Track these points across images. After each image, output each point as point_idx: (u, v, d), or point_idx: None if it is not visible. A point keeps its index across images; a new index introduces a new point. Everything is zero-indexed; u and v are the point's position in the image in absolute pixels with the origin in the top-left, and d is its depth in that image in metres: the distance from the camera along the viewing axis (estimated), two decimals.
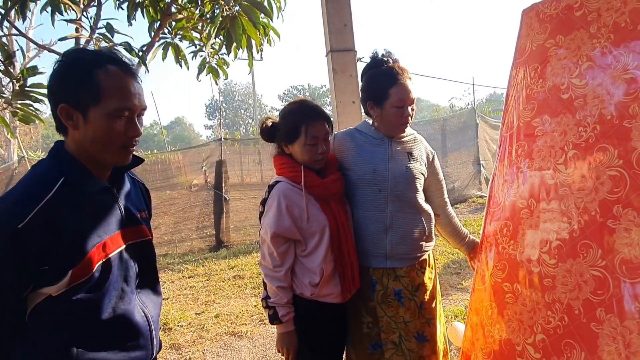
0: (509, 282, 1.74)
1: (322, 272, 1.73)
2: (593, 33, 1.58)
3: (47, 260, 1.05)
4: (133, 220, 1.28)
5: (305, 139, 1.72)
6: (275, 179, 1.81)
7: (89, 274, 1.11)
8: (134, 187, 1.38)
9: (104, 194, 1.21)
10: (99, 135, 1.12)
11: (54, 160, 1.16)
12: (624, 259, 1.35)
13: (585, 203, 1.51)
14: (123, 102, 1.13)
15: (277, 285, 1.72)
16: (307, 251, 1.75)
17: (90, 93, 1.09)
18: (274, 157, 1.87)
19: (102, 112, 1.10)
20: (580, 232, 1.48)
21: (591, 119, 1.55)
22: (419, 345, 1.88)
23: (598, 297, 1.41)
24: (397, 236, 1.85)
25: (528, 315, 1.66)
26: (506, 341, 1.75)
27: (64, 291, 1.08)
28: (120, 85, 1.13)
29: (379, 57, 1.89)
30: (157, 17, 3.60)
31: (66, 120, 1.11)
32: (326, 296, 1.78)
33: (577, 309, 1.47)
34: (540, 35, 1.81)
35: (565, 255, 1.53)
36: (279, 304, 1.73)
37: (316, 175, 1.77)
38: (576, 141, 1.60)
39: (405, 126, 1.87)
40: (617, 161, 1.43)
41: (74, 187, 1.12)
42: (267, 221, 1.72)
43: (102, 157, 1.17)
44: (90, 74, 1.10)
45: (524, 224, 1.73)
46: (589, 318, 1.43)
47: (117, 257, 1.19)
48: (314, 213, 1.75)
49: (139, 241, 1.30)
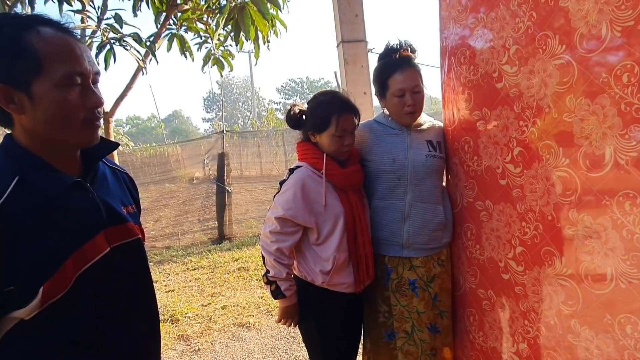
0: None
1: (334, 261, 1.74)
2: (514, 10, 1.46)
3: (10, 279, 0.86)
4: (116, 218, 1.06)
5: (335, 130, 1.74)
6: (296, 164, 1.83)
7: (64, 290, 0.92)
8: (115, 178, 1.16)
9: (75, 190, 0.98)
10: (52, 112, 0.90)
11: (6, 155, 0.94)
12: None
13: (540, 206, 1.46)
14: (71, 65, 0.91)
15: (274, 258, 1.73)
16: (320, 239, 1.76)
17: (27, 63, 0.87)
18: (297, 143, 1.90)
19: (48, 83, 0.89)
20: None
21: (530, 112, 1.45)
22: (432, 337, 1.88)
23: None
24: (415, 226, 1.85)
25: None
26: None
27: (37, 313, 0.90)
28: (61, 47, 0.91)
29: (390, 47, 1.89)
30: (162, 8, 3.59)
31: (7, 105, 0.89)
32: (337, 285, 1.79)
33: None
34: (461, 14, 1.73)
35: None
36: (279, 278, 1.75)
37: (338, 165, 1.80)
38: (519, 137, 1.51)
39: (412, 115, 1.84)
40: (564, 160, 1.35)
41: (33, 186, 0.91)
42: (281, 202, 1.74)
43: (63, 141, 0.95)
44: (21, 40, 0.87)
45: (485, 227, 1.73)
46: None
47: (101, 265, 0.99)
48: (331, 201, 1.76)
49: (127, 242, 1.08)
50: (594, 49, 1.21)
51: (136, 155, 17.89)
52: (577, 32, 1.25)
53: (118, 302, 1.04)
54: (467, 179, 1.81)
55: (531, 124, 1.45)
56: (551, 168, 1.40)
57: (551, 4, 1.32)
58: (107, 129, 3.70)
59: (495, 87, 1.59)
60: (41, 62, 0.88)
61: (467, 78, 1.74)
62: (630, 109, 1.14)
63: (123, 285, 1.06)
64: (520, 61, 1.46)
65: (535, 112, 1.43)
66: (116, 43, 2.99)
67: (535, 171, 1.46)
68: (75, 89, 0.92)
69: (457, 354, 2.00)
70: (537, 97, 1.42)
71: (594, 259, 1.30)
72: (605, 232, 1.25)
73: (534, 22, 1.39)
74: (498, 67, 1.56)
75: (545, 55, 1.36)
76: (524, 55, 1.44)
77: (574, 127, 1.30)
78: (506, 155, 1.58)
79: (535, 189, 1.48)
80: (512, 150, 1.55)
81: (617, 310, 1.26)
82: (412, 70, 1.81)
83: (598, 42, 1.19)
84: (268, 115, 24.31)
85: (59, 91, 0.90)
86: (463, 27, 1.74)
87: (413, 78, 1.81)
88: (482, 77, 1.65)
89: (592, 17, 1.20)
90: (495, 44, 1.56)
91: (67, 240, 0.94)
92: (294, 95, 56.60)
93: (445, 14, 1.86)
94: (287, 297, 1.77)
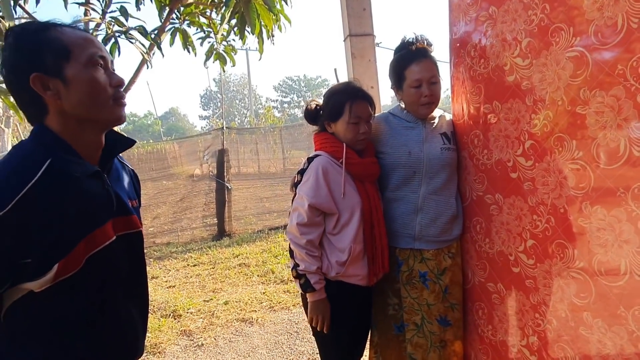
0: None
1: (351, 252, 1.74)
2: (527, 3, 1.45)
3: (30, 251, 0.94)
4: (124, 209, 1.14)
5: (349, 117, 1.76)
6: (314, 153, 1.84)
7: (77, 268, 1.00)
8: (125, 172, 1.25)
9: (94, 179, 1.07)
10: (86, 90, 1.01)
11: (38, 141, 1.02)
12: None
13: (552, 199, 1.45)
14: (93, 49, 1.04)
15: (305, 252, 1.74)
16: (337, 228, 1.77)
17: (57, 52, 0.99)
18: (315, 134, 1.92)
19: (77, 65, 1.00)
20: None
21: (542, 105, 1.45)
22: (441, 329, 1.89)
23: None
24: (427, 218, 1.85)
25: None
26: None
27: (48, 287, 0.97)
28: (82, 37, 1.04)
29: (406, 40, 1.89)
30: (166, 1, 3.56)
31: (44, 92, 0.99)
32: (352, 277, 1.79)
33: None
34: (472, 7, 1.72)
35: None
36: (309, 272, 1.74)
37: (357, 155, 1.81)
38: (531, 130, 1.51)
39: (429, 105, 1.84)
40: (577, 153, 1.35)
41: (61, 171, 0.99)
42: (305, 190, 1.74)
43: (95, 121, 1.06)
44: (47, 36, 0.99)
45: (495, 220, 1.73)
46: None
47: (107, 251, 1.07)
48: (349, 190, 1.77)
49: (130, 233, 1.16)
50: (609, 41, 1.21)
51: (133, 152, 17.81)
52: (592, 23, 1.24)
53: (118, 286, 1.13)
54: (477, 173, 1.81)
55: (543, 116, 1.45)
56: (564, 161, 1.40)
57: None
58: None
59: (507, 80, 1.59)
60: (69, 49, 1.00)
61: (477, 71, 1.74)
62: None
63: (123, 271, 1.15)
64: (533, 54, 1.46)
65: (548, 105, 1.43)
66: (121, 36, 2.96)
67: (548, 164, 1.47)
68: (100, 69, 1.04)
69: (465, 347, 2.01)
70: (549, 89, 1.42)
71: (607, 252, 1.30)
72: (620, 225, 1.26)
73: (547, 15, 1.39)
74: (509, 60, 1.56)
75: (558, 48, 1.36)
76: (537, 48, 1.44)
77: (587, 119, 1.30)
78: (517, 148, 1.58)
79: (547, 182, 1.48)
80: (523, 143, 1.55)
81: (631, 302, 1.26)
82: (428, 61, 1.82)
83: (614, 33, 1.19)
84: (265, 113, 24.25)
85: (88, 71, 1.02)
86: (473, 20, 1.74)
87: (430, 69, 1.81)
88: (492, 70, 1.65)
89: (608, 9, 1.20)
90: (507, 36, 1.56)
91: (82, 224, 1.02)
92: (291, 94, 56.50)
93: (455, 7, 1.86)
94: (317, 291, 1.76)
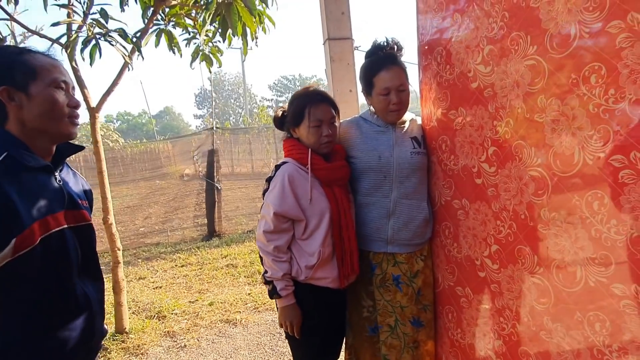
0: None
1: (320, 255, 1.76)
2: (487, 10, 1.47)
3: None
4: (74, 204, 1.30)
5: (309, 121, 1.77)
6: (282, 160, 1.86)
7: (32, 244, 1.12)
8: (75, 177, 1.42)
9: (47, 173, 1.24)
10: (45, 106, 1.19)
11: None
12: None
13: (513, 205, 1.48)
14: (57, 74, 1.23)
15: (271, 258, 1.75)
16: (306, 234, 1.78)
17: (26, 71, 1.18)
18: (283, 140, 1.94)
19: (42, 83, 1.19)
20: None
21: (503, 112, 1.47)
22: (415, 330, 1.91)
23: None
24: (400, 222, 1.87)
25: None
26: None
27: (8, 261, 1.09)
28: (50, 63, 1.23)
29: (377, 44, 1.90)
30: (150, 2, 3.56)
31: (9, 102, 1.17)
32: (321, 279, 1.80)
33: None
34: (437, 13, 1.74)
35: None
36: (276, 278, 1.75)
37: (323, 159, 1.82)
38: (494, 137, 1.53)
39: (397, 112, 1.85)
40: (536, 160, 1.37)
41: (17, 161, 1.14)
42: (271, 198, 1.76)
43: (51, 130, 1.22)
44: (20, 58, 1.19)
45: (462, 225, 1.75)
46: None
47: (59, 235, 1.21)
48: (316, 196, 1.78)
49: (80, 225, 1.32)
50: (564, 50, 1.22)
51: (126, 152, 17.77)
52: (547, 33, 1.26)
53: (72, 268, 1.26)
54: (445, 178, 1.83)
55: (504, 124, 1.47)
56: (524, 167, 1.42)
57: (522, 4, 1.33)
58: (93, 124, 3.66)
59: (471, 86, 1.60)
60: (36, 70, 1.19)
61: (443, 77, 1.75)
62: (598, 109, 1.16)
63: (75, 256, 1.28)
64: (494, 61, 1.48)
65: (509, 112, 1.45)
66: (102, 38, 2.96)
67: (509, 170, 1.48)
68: (61, 92, 1.23)
69: (437, 350, 2.02)
70: (510, 97, 1.43)
71: (564, 258, 1.32)
72: (575, 231, 1.27)
73: (507, 23, 1.40)
74: (473, 67, 1.58)
75: (517, 56, 1.38)
76: (498, 55, 1.46)
77: (545, 127, 1.32)
78: (481, 154, 1.60)
79: (509, 188, 1.49)
80: (487, 149, 1.57)
81: (586, 307, 1.28)
82: (397, 68, 1.82)
83: (567, 43, 1.21)
84: (260, 112, 24.21)
85: (51, 90, 1.21)
86: (439, 26, 1.75)
87: (398, 77, 1.82)
88: (457, 76, 1.67)
89: (562, 18, 1.21)
90: (470, 43, 1.58)
91: (36, 209, 1.16)
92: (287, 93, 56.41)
93: (422, 13, 1.87)
94: (283, 297, 1.76)
